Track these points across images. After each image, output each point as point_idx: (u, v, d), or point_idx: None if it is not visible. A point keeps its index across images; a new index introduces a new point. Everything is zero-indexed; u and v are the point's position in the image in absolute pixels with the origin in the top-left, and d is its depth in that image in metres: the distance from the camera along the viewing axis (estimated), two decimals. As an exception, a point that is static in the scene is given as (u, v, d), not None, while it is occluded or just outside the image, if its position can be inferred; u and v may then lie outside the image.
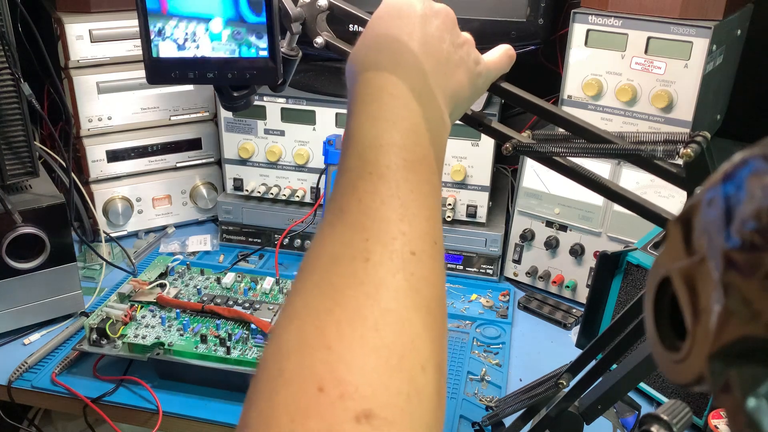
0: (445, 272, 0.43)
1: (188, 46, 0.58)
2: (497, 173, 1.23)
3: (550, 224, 1.09)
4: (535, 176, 1.09)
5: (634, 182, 0.99)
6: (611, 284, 0.85)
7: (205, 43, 0.58)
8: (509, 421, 0.76)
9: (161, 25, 0.57)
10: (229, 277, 1.01)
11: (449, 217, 1.13)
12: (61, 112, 1.11)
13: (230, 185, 1.22)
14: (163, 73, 0.59)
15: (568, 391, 0.67)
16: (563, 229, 1.08)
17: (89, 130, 1.18)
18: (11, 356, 0.93)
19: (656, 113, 0.97)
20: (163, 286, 0.98)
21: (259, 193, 1.20)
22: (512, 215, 1.13)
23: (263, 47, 0.58)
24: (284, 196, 1.19)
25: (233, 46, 0.58)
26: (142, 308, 0.94)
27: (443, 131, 0.50)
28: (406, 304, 0.37)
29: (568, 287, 1.09)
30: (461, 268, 1.16)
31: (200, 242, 1.24)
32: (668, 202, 0.94)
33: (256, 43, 0.58)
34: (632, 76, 0.98)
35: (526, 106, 0.61)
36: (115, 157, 1.21)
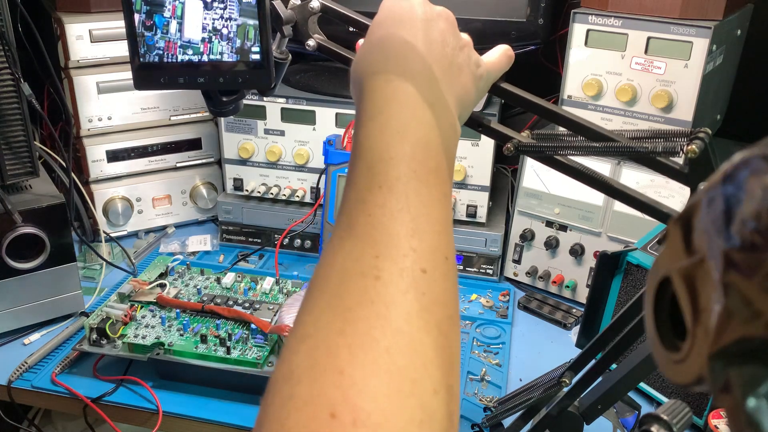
0: (457, 287, 0.42)
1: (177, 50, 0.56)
2: (497, 173, 1.23)
3: (550, 224, 1.09)
4: (535, 176, 1.09)
5: (634, 182, 0.99)
6: (611, 284, 0.85)
7: (194, 46, 0.57)
8: (509, 421, 0.76)
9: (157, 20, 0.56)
10: (229, 277, 1.01)
11: (449, 217, 1.13)
12: (61, 112, 1.11)
13: (230, 185, 1.22)
14: (151, 78, 0.57)
15: (568, 389, 0.67)
16: (563, 229, 1.08)
17: (89, 130, 1.18)
18: (11, 356, 0.93)
19: (656, 113, 0.97)
20: (163, 286, 0.98)
21: (259, 193, 1.20)
22: (512, 215, 1.13)
23: (255, 51, 0.57)
24: (284, 196, 1.19)
25: (224, 49, 0.57)
26: (142, 308, 0.94)
27: (454, 138, 0.48)
28: (418, 325, 0.37)
29: (568, 287, 1.09)
30: (461, 268, 1.16)
31: (200, 242, 1.24)
32: (668, 202, 0.93)
33: (248, 45, 0.56)
34: (632, 76, 0.98)
35: (526, 106, 0.60)
36: (115, 157, 1.21)
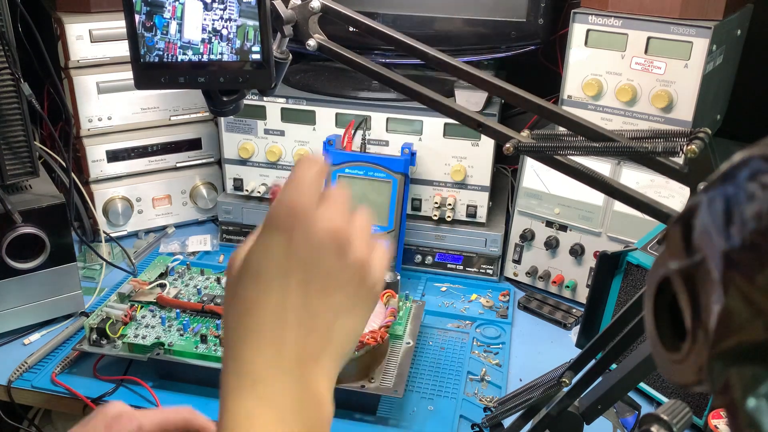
0: None
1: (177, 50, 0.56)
2: (497, 173, 1.23)
3: (550, 224, 1.09)
4: (535, 176, 1.09)
5: (633, 182, 0.99)
6: (611, 284, 0.85)
7: (195, 46, 0.56)
8: (509, 421, 0.76)
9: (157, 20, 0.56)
10: (229, 277, 1.01)
11: (449, 217, 1.13)
12: (61, 112, 1.11)
13: (230, 185, 1.22)
14: (152, 77, 0.57)
15: (568, 389, 0.67)
16: (563, 229, 1.08)
17: (89, 130, 1.18)
18: (11, 356, 0.93)
19: (656, 113, 0.97)
20: (163, 286, 0.98)
21: (259, 193, 1.20)
22: (512, 215, 1.13)
23: (255, 51, 0.56)
24: (284, 196, 1.19)
25: (224, 50, 0.56)
26: (142, 308, 0.94)
27: (325, 422, 0.41)
28: None
29: (568, 287, 1.09)
30: (461, 268, 1.16)
31: (200, 242, 1.24)
32: (668, 202, 0.94)
33: (248, 46, 0.56)
34: (632, 76, 0.98)
35: (526, 106, 0.60)
36: (115, 157, 1.21)
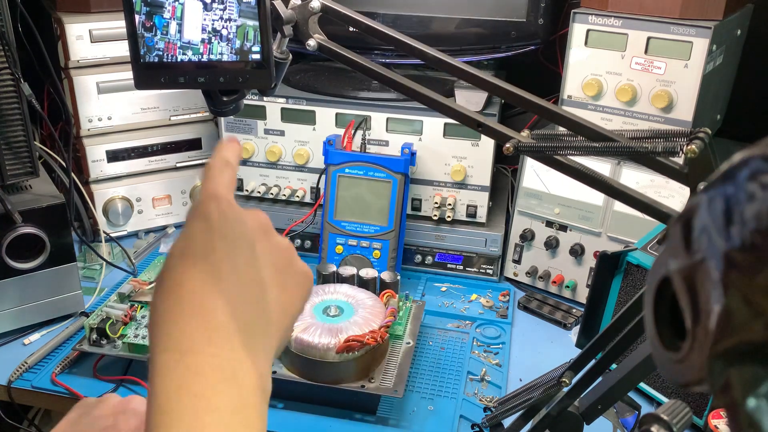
0: None
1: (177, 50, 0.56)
2: (497, 173, 1.23)
3: (550, 224, 1.09)
4: (535, 176, 1.09)
5: (634, 182, 0.99)
6: (611, 284, 0.85)
7: (195, 46, 0.56)
8: (509, 421, 0.76)
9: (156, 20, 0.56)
10: (229, 277, 1.01)
11: (449, 217, 1.13)
12: (61, 112, 1.11)
13: (230, 185, 1.21)
14: (152, 77, 0.57)
15: (568, 389, 0.67)
16: (563, 229, 1.08)
17: (89, 130, 1.18)
18: (11, 356, 0.93)
19: (656, 113, 0.97)
20: (163, 286, 0.98)
21: (259, 193, 1.20)
22: (512, 215, 1.13)
23: (255, 51, 0.56)
24: (284, 196, 1.19)
25: (223, 50, 0.56)
26: (142, 308, 0.94)
27: (259, 393, 0.40)
28: None
29: (568, 287, 1.09)
30: (461, 268, 1.16)
31: (200, 242, 1.24)
32: (668, 202, 0.93)
33: (248, 46, 0.56)
34: (632, 76, 0.98)
35: (526, 106, 0.61)
36: (115, 157, 1.21)
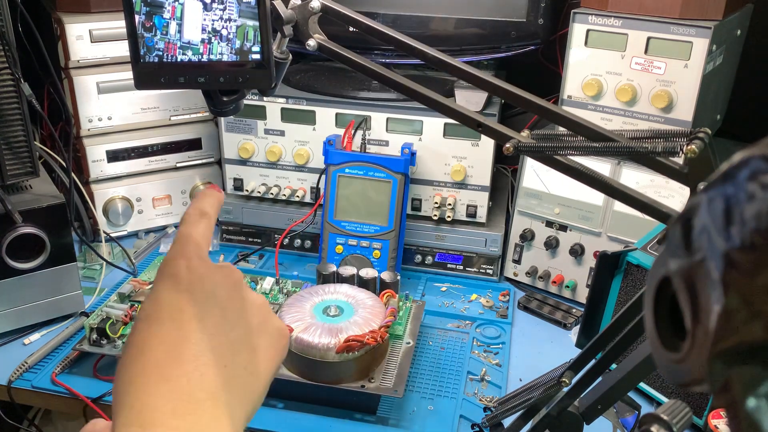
0: None
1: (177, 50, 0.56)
2: (497, 173, 1.23)
3: (550, 224, 1.09)
4: (535, 176, 1.09)
5: (633, 182, 0.99)
6: (611, 284, 0.85)
7: (195, 46, 0.56)
8: (509, 421, 0.76)
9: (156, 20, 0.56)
10: (229, 277, 1.01)
11: (449, 217, 1.13)
12: (61, 112, 1.11)
13: (230, 185, 1.22)
14: (152, 77, 0.57)
15: (568, 389, 0.67)
16: (563, 229, 1.08)
17: (89, 130, 1.18)
18: (11, 356, 0.93)
19: (656, 113, 0.97)
20: (163, 286, 0.98)
21: (259, 193, 1.20)
22: (512, 215, 1.13)
23: (255, 51, 0.56)
24: (284, 196, 1.19)
25: (223, 50, 0.56)
26: (142, 308, 0.94)
27: None
28: None
29: (568, 287, 1.09)
30: (461, 268, 1.16)
31: (200, 242, 1.24)
32: (668, 202, 0.94)
33: (248, 46, 0.56)
34: (632, 76, 0.98)
35: (526, 106, 0.60)
36: (115, 157, 1.21)
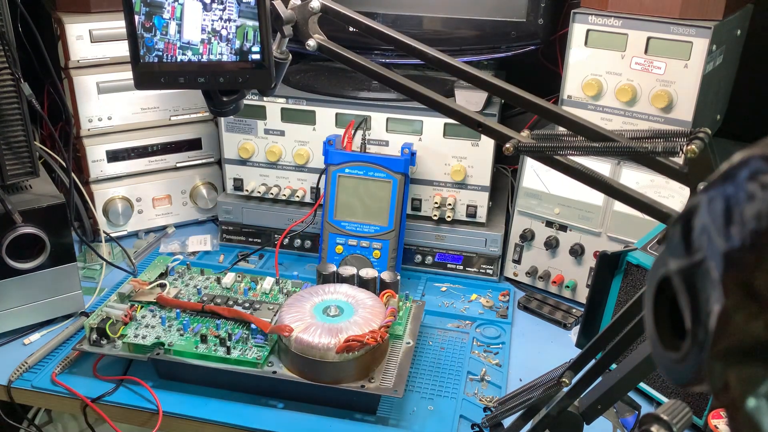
0: None
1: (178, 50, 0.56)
2: (497, 173, 1.23)
3: (550, 224, 1.09)
4: (535, 176, 1.09)
5: (633, 182, 0.99)
6: (611, 284, 0.85)
7: (195, 47, 0.56)
8: (509, 421, 0.76)
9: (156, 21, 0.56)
10: (229, 277, 1.01)
11: (449, 217, 1.13)
12: (61, 112, 1.11)
13: (230, 185, 1.22)
14: (151, 77, 0.57)
15: (568, 389, 0.67)
16: (563, 229, 1.08)
17: (89, 130, 1.18)
18: (11, 356, 0.93)
19: (656, 113, 0.97)
20: (163, 286, 0.98)
21: (259, 193, 1.20)
22: (512, 215, 1.13)
23: (255, 51, 0.57)
24: (284, 196, 1.19)
25: (223, 50, 0.57)
26: (142, 308, 0.94)
27: None
28: None
29: (568, 287, 1.09)
30: (461, 268, 1.16)
31: (200, 242, 1.24)
32: (668, 202, 0.94)
33: (247, 46, 0.56)
34: (632, 76, 0.98)
35: (526, 106, 0.61)
36: (115, 157, 1.21)
